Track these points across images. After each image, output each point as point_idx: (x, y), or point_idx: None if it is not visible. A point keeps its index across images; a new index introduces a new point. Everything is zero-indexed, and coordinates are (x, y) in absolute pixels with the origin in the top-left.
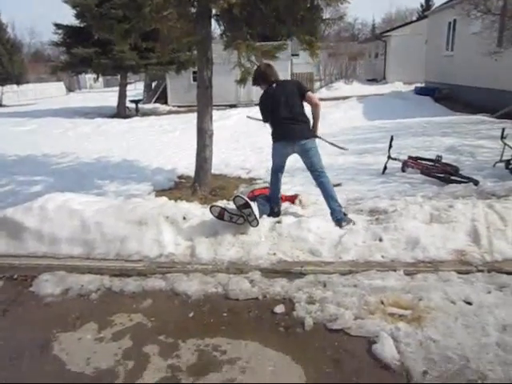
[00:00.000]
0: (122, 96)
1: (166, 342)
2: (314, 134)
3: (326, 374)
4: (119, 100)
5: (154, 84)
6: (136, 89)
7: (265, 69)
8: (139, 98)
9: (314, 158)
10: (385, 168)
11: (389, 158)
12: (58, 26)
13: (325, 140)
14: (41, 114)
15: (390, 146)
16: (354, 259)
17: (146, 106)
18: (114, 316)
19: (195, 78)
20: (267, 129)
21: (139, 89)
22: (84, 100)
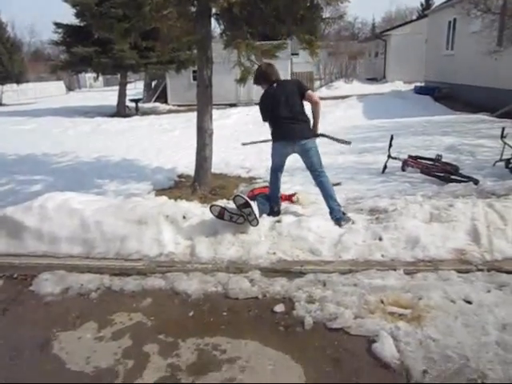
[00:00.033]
0: (122, 95)
1: (166, 341)
2: (314, 133)
3: (326, 373)
4: (119, 99)
5: (153, 83)
6: (136, 88)
7: (266, 68)
8: (139, 97)
9: (314, 157)
10: (385, 167)
11: (389, 157)
12: (58, 25)
13: (327, 136)
14: (41, 113)
15: (390, 145)
16: (353, 258)
17: (145, 105)
18: (113, 315)
19: (195, 77)
20: (267, 128)
21: (139, 88)
22: (84, 99)
